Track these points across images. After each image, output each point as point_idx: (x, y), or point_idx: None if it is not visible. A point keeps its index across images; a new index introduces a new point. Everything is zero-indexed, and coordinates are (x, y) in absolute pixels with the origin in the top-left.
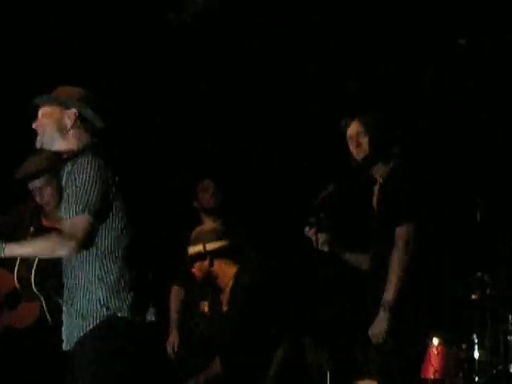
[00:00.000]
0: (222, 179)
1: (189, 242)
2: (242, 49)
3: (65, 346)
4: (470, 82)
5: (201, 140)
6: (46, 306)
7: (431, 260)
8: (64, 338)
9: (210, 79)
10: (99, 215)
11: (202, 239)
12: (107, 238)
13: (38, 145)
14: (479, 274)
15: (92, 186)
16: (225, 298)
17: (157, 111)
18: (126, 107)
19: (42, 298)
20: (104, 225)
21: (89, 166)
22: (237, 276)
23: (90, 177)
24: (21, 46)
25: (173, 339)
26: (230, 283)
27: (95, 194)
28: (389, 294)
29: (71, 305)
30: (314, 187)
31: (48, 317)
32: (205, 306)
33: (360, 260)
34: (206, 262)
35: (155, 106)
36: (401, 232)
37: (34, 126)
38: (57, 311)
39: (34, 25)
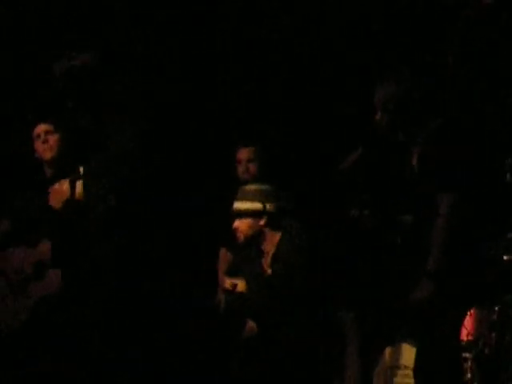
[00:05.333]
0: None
1: (237, 197)
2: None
3: None
4: (497, 43)
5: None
6: None
7: (470, 224)
8: None
9: None
10: None
11: (260, 197)
12: None
13: None
14: (510, 234)
15: None
16: (266, 262)
17: None
18: None
19: None
20: None
21: None
22: (280, 244)
23: None
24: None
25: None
26: (273, 250)
27: None
28: (432, 261)
29: None
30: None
31: None
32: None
33: None
34: (262, 222)
35: None
36: (446, 198)
37: None
38: None
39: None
